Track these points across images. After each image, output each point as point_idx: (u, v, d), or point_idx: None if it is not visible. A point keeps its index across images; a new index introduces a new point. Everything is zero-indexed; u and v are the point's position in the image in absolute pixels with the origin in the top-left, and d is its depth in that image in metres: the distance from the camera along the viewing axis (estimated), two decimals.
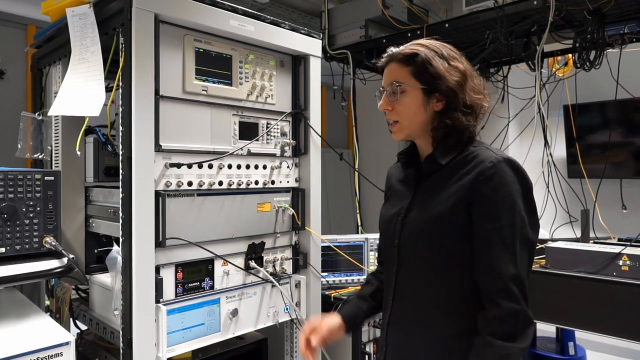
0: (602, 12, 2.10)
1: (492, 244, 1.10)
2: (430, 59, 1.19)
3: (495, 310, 1.09)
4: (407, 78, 1.22)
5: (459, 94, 1.19)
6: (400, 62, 1.23)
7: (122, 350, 1.43)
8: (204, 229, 1.61)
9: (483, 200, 1.11)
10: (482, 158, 1.15)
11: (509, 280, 1.08)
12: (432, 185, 1.23)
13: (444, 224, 1.16)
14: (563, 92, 2.71)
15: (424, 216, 1.20)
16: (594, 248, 1.89)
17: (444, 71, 1.18)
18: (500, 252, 1.09)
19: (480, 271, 1.12)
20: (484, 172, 1.12)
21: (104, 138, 1.68)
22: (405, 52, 1.22)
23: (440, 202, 1.17)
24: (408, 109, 1.22)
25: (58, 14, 1.68)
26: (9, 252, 1.38)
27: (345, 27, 2.96)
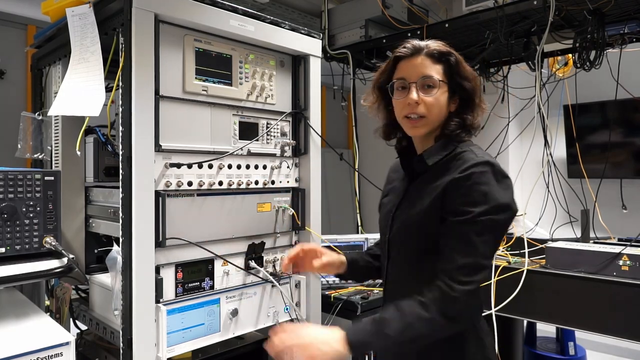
0: (602, 12, 2.09)
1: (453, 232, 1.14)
2: (462, 61, 1.25)
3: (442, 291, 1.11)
4: (440, 74, 1.23)
5: (476, 99, 1.26)
6: (431, 58, 1.23)
7: (122, 350, 1.43)
8: (204, 229, 1.61)
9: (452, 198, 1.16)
10: (464, 160, 1.20)
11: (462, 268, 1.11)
12: (421, 184, 1.28)
13: (422, 220, 1.21)
14: (563, 92, 2.71)
15: (409, 213, 1.26)
16: (594, 248, 1.89)
17: (471, 74, 1.25)
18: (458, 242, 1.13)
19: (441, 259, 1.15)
20: (463, 171, 1.16)
21: (104, 138, 1.68)
22: (441, 50, 1.24)
23: (423, 200, 1.23)
24: (439, 104, 1.23)
25: (58, 14, 1.68)
26: (9, 252, 1.38)
27: (345, 27, 2.96)
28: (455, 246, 1.13)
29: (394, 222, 1.31)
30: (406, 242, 1.27)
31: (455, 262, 1.12)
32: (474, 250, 1.12)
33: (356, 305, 2.02)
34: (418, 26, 2.64)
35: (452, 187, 1.16)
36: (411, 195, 1.30)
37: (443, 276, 1.12)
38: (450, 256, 1.13)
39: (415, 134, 1.28)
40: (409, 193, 1.31)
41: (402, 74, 1.26)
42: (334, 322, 1.99)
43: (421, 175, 1.29)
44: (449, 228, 1.16)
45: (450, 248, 1.14)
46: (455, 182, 1.16)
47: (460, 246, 1.13)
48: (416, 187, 1.29)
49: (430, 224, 1.20)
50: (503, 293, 1.89)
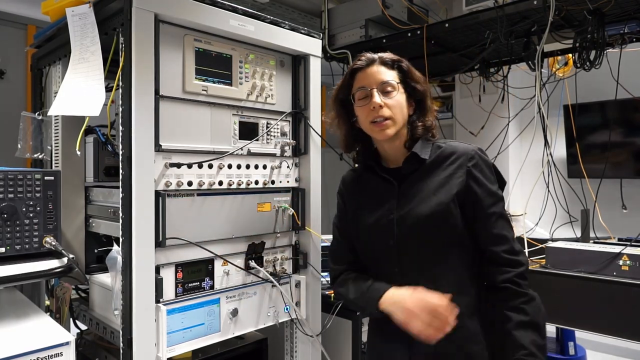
0: (602, 12, 2.09)
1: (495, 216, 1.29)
2: (412, 68, 1.37)
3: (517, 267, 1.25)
4: (396, 79, 1.35)
5: (428, 101, 1.38)
6: (386, 66, 1.35)
7: (122, 350, 1.43)
8: (204, 229, 1.61)
9: (478, 181, 1.29)
10: (463, 149, 1.33)
11: (514, 241, 1.29)
12: (417, 181, 1.34)
13: (443, 211, 1.28)
14: (563, 92, 2.71)
15: (421, 210, 1.30)
16: (594, 248, 1.89)
17: (421, 79, 1.37)
18: (502, 221, 1.29)
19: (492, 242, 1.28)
20: (470, 159, 1.30)
21: (104, 138, 1.68)
22: (393, 58, 1.36)
23: (433, 193, 1.30)
24: (401, 105, 1.34)
25: (58, 14, 1.68)
26: (9, 252, 1.38)
27: (345, 27, 2.96)
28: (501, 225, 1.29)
29: (398, 226, 1.33)
30: (425, 239, 1.30)
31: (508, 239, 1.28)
32: (508, 221, 1.31)
33: None
34: (418, 26, 2.64)
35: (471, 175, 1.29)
36: (411, 194, 1.33)
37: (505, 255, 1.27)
38: (500, 235, 1.28)
39: (384, 136, 1.33)
40: (405, 193, 1.35)
41: (361, 84, 1.35)
42: (334, 322, 1.99)
43: (411, 174, 1.36)
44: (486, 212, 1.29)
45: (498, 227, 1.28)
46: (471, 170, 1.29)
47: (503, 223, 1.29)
48: (413, 186, 1.34)
49: (453, 216, 1.28)
50: None
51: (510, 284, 1.24)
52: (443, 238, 1.29)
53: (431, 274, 1.30)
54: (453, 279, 1.29)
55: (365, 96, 1.34)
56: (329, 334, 2.04)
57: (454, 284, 1.29)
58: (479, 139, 2.94)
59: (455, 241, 1.29)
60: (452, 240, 1.29)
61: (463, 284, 1.30)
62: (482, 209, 1.28)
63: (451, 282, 1.29)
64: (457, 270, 1.30)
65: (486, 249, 1.29)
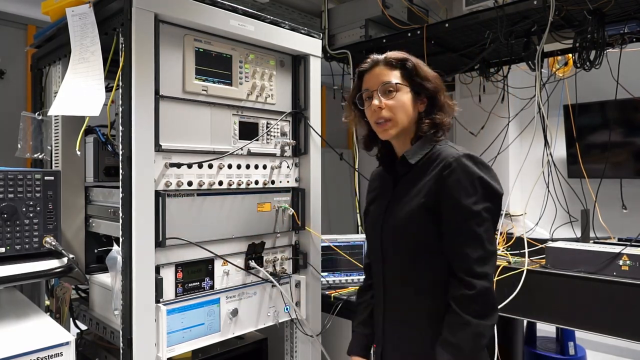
0: (602, 12, 2.09)
1: (461, 232, 1.22)
2: (420, 64, 1.35)
3: (467, 289, 1.19)
4: (398, 78, 1.33)
5: (440, 96, 1.34)
6: (389, 66, 1.34)
7: (122, 350, 1.43)
8: (204, 229, 1.61)
9: (447, 192, 1.23)
10: (445, 155, 1.28)
11: (478, 262, 1.20)
12: (406, 184, 1.34)
13: (414, 219, 1.27)
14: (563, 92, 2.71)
15: (398, 214, 1.32)
16: (594, 248, 1.89)
17: (431, 76, 1.34)
18: (468, 239, 1.21)
19: (451, 256, 1.24)
20: (446, 167, 1.24)
21: (104, 138, 1.68)
22: (396, 57, 1.35)
23: (410, 200, 1.29)
24: (402, 105, 1.32)
25: (58, 14, 1.68)
26: (9, 252, 1.38)
27: (345, 27, 2.96)
28: (463, 242, 1.22)
29: (384, 224, 1.36)
30: (399, 242, 1.32)
31: (467, 257, 1.20)
32: (480, 241, 1.21)
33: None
34: (418, 26, 2.64)
35: (441, 184, 1.24)
36: (398, 197, 1.35)
37: (460, 274, 1.21)
38: (461, 253, 1.21)
39: (386, 136, 1.35)
40: (395, 195, 1.37)
41: (366, 86, 1.37)
42: (334, 322, 1.99)
43: (404, 176, 1.36)
44: (451, 225, 1.24)
45: (458, 245, 1.22)
46: (443, 178, 1.23)
47: (467, 241, 1.21)
48: (401, 188, 1.35)
49: (421, 224, 1.27)
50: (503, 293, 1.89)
51: (453, 302, 1.21)
52: (413, 244, 1.29)
53: (404, 276, 1.33)
54: (423, 282, 1.29)
55: (369, 98, 1.36)
56: (329, 334, 2.04)
57: (424, 287, 1.29)
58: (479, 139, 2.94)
59: (426, 249, 1.28)
60: (423, 247, 1.28)
61: (433, 289, 1.28)
62: (448, 222, 1.24)
63: (421, 285, 1.30)
64: (428, 274, 1.29)
65: (450, 261, 1.26)
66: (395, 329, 1.36)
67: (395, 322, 1.36)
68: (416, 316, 1.31)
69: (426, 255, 1.29)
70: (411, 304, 1.32)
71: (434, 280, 1.28)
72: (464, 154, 1.25)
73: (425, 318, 1.29)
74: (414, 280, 1.31)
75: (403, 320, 1.34)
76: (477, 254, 1.20)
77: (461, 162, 1.24)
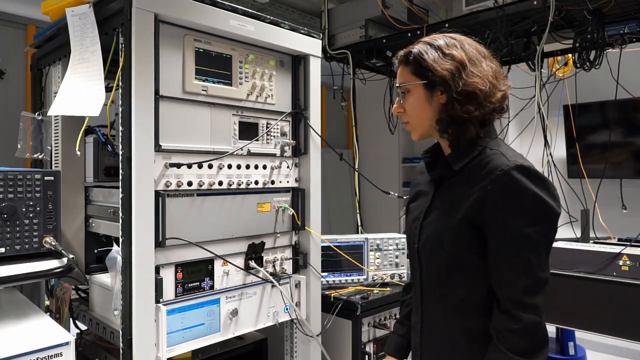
0: (602, 12, 2.09)
1: (503, 255, 1.08)
2: (422, 53, 1.17)
3: (513, 323, 1.06)
4: (409, 77, 1.21)
5: (451, 82, 1.12)
6: (402, 64, 1.24)
7: (122, 350, 1.43)
8: (204, 229, 1.61)
9: (492, 212, 1.08)
10: (494, 165, 1.10)
11: (524, 292, 1.06)
12: (449, 190, 1.21)
13: (453, 233, 1.14)
14: (563, 92, 2.71)
15: (439, 222, 1.19)
16: (594, 248, 1.89)
17: (432, 62, 1.15)
18: (514, 265, 1.07)
19: (496, 282, 1.10)
20: (493, 180, 1.08)
21: (104, 138, 1.68)
22: (403, 53, 1.24)
23: (452, 210, 1.16)
24: (413, 107, 1.22)
25: (58, 14, 1.68)
26: (8, 252, 1.38)
27: (345, 27, 2.96)
28: (509, 268, 1.07)
29: (422, 231, 1.24)
30: (436, 253, 1.20)
31: (514, 286, 1.06)
32: (529, 268, 1.06)
33: (356, 305, 2.02)
34: (418, 26, 2.64)
35: (486, 200, 1.09)
36: (439, 202, 1.23)
37: (505, 304, 1.08)
38: (507, 281, 1.08)
39: (413, 138, 1.27)
40: (436, 200, 1.24)
41: None
42: (334, 322, 1.99)
43: (448, 179, 1.22)
44: (496, 248, 1.09)
45: (504, 271, 1.08)
46: (489, 194, 1.08)
47: (515, 268, 1.07)
48: (444, 193, 1.22)
49: (461, 239, 1.13)
50: None
51: (497, 336, 1.08)
52: (451, 258, 1.16)
53: (441, 290, 1.21)
54: (458, 302, 1.17)
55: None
56: (329, 334, 2.04)
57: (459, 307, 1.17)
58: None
59: (464, 264, 1.14)
60: (460, 262, 1.15)
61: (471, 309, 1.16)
62: (493, 243, 1.09)
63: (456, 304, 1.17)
64: (465, 293, 1.16)
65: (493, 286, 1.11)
66: (432, 343, 1.25)
67: (431, 335, 1.25)
68: (451, 333, 1.19)
69: (464, 272, 1.15)
70: (446, 319, 1.20)
71: (470, 299, 1.15)
72: (515, 166, 1.07)
73: (461, 337, 1.17)
74: (450, 295, 1.18)
75: (439, 335, 1.23)
76: (526, 282, 1.05)
77: (512, 175, 1.07)
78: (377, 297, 2.11)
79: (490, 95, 1.14)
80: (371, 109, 3.50)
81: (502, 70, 1.24)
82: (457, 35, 1.22)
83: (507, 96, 1.20)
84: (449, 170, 1.20)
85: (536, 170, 1.09)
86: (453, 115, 1.15)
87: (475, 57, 1.16)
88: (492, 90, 1.14)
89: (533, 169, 1.09)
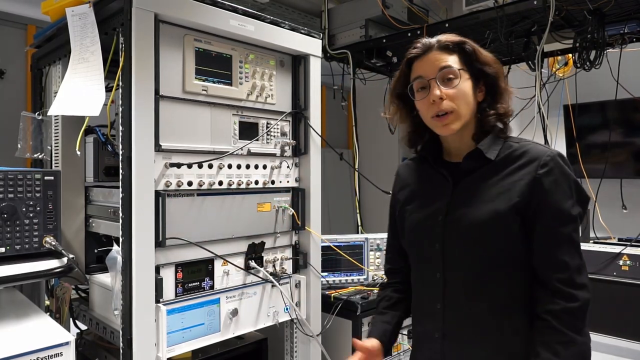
0: (602, 12, 2.09)
1: (559, 238, 1.10)
2: (478, 47, 1.18)
3: (569, 302, 1.08)
4: (458, 63, 1.16)
5: (502, 83, 1.18)
6: (445, 50, 1.17)
7: (122, 350, 1.43)
8: (204, 229, 1.61)
9: (544, 193, 1.10)
10: (537, 153, 1.14)
11: (577, 271, 1.10)
12: (477, 182, 1.17)
13: (499, 222, 1.12)
14: (563, 92, 2.71)
15: (475, 215, 1.14)
16: (594, 248, 1.90)
17: (492, 60, 1.18)
18: (567, 246, 1.10)
19: (545, 265, 1.11)
20: (542, 165, 1.11)
21: (104, 138, 1.68)
22: (454, 40, 1.18)
23: (491, 200, 1.13)
24: (465, 94, 1.15)
25: (58, 14, 1.68)
26: (8, 252, 1.38)
27: (345, 27, 2.96)
28: (562, 249, 1.10)
29: (448, 228, 1.18)
30: (473, 249, 1.15)
31: (567, 266, 1.09)
32: (577, 248, 1.11)
33: (356, 305, 2.02)
34: (418, 26, 2.64)
35: (537, 184, 1.10)
36: (467, 196, 1.17)
37: (558, 285, 1.09)
38: (560, 261, 1.09)
39: (448, 132, 1.17)
40: (461, 194, 1.19)
41: (418, 73, 1.18)
42: (334, 322, 1.99)
43: (472, 173, 1.19)
44: (548, 231, 1.11)
45: (556, 252, 1.10)
46: (539, 178, 1.10)
47: (567, 248, 1.10)
48: (472, 186, 1.18)
49: (509, 228, 1.12)
50: None
51: (552, 317, 1.08)
52: (495, 251, 1.12)
53: (476, 289, 1.15)
54: (500, 298, 1.14)
55: (424, 87, 1.17)
56: (329, 334, 2.04)
57: (500, 303, 1.14)
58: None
59: (509, 257, 1.13)
60: (505, 255, 1.13)
61: (511, 305, 1.14)
62: (545, 226, 1.10)
63: (497, 300, 1.14)
64: (506, 288, 1.13)
65: (540, 271, 1.12)
66: (461, 350, 1.18)
67: (461, 342, 1.18)
68: (489, 336, 1.14)
69: (506, 266, 1.13)
70: (483, 322, 1.15)
71: (512, 295, 1.13)
72: (558, 153, 1.13)
73: (502, 338, 1.14)
74: (489, 294, 1.14)
75: (472, 340, 1.16)
76: (576, 262, 1.10)
77: (557, 161, 1.11)
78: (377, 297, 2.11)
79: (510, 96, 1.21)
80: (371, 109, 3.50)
81: None
82: None
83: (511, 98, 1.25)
84: (477, 162, 1.18)
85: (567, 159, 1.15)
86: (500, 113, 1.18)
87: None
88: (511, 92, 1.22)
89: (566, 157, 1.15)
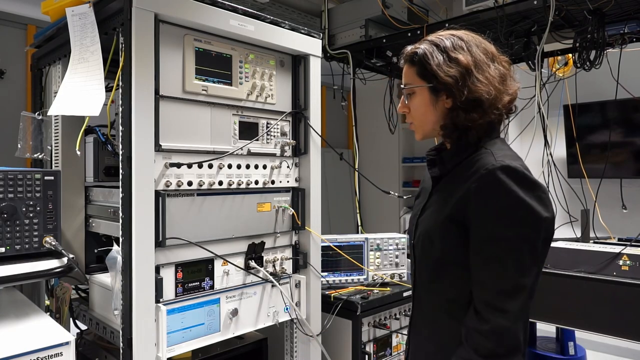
0: (602, 12, 2.10)
1: (482, 257, 1.06)
2: (427, 55, 1.14)
3: (480, 324, 1.05)
4: (414, 79, 1.19)
5: (455, 89, 1.10)
6: (408, 63, 1.21)
7: (122, 350, 1.43)
8: (204, 229, 1.61)
9: (473, 212, 1.06)
10: (481, 164, 1.08)
11: (501, 294, 1.03)
12: (442, 188, 1.21)
13: (442, 230, 1.14)
14: (563, 92, 2.71)
15: (430, 219, 1.20)
16: (594, 248, 1.90)
17: (436, 68, 1.12)
18: (493, 266, 1.04)
19: (473, 281, 1.09)
20: (476, 181, 1.06)
21: (104, 138, 1.68)
22: (408, 52, 1.20)
23: (441, 208, 1.17)
24: (418, 110, 1.20)
25: (58, 14, 1.68)
26: (9, 252, 1.38)
27: (345, 26, 2.97)
28: (484, 270, 1.06)
29: (418, 227, 1.25)
30: (426, 249, 1.20)
31: (487, 287, 1.05)
32: (505, 272, 1.03)
33: (356, 305, 2.02)
34: (418, 26, 2.64)
35: (469, 199, 1.07)
36: (434, 200, 1.23)
37: (477, 304, 1.07)
38: (482, 280, 1.06)
39: (417, 139, 1.27)
40: (433, 197, 1.24)
41: None
42: (334, 322, 1.99)
43: (444, 177, 1.22)
44: (476, 246, 1.07)
45: (479, 272, 1.07)
46: (472, 193, 1.06)
47: (490, 270, 1.05)
48: (438, 192, 1.23)
49: (447, 236, 1.13)
50: None
51: (465, 333, 1.08)
52: (440, 254, 1.15)
53: (430, 286, 1.21)
54: (450, 297, 1.16)
55: None
56: (329, 334, 2.04)
57: (451, 302, 1.16)
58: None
59: (454, 260, 1.13)
60: (451, 258, 1.13)
61: (463, 305, 1.12)
62: (472, 243, 1.07)
63: (447, 299, 1.16)
64: (457, 289, 1.14)
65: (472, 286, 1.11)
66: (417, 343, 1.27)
67: (419, 334, 1.27)
68: (440, 332, 1.19)
69: (455, 268, 1.13)
70: (435, 318, 1.20)
71: (458, 299, 1.13)
72: (500, 166, 1.04)
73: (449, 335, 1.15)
74: (440, 293, 1.18)
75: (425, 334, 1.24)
76: (500, 286, 1.03)
77: (495, 176, 1.03)
78: (377, 297, 2.11)
79: (496, 101, 1.12)
80: (371, 109, 3.50)
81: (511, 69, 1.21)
82: (465, 34, 1.19)
83: (515, 98, 1.18)
84: (443, 168, 1.22)
85: (524, 172, 1.06)
86: (456, 122, 1.14)
87: (482, 61, 1.13)
88: (498, 96, 1.12)
89: (520, 170, 1.05)
